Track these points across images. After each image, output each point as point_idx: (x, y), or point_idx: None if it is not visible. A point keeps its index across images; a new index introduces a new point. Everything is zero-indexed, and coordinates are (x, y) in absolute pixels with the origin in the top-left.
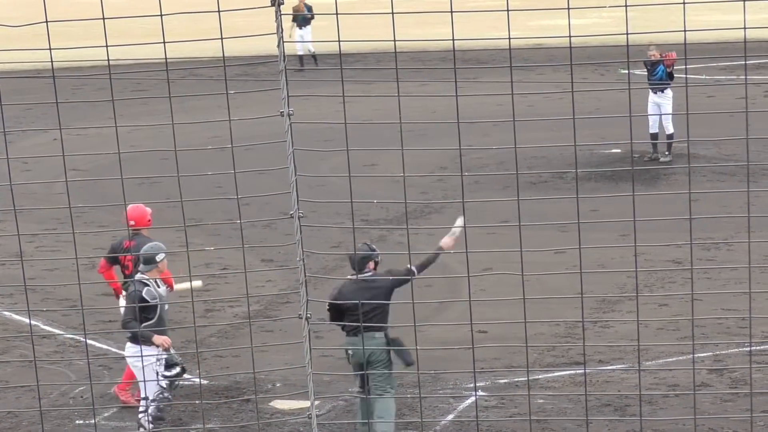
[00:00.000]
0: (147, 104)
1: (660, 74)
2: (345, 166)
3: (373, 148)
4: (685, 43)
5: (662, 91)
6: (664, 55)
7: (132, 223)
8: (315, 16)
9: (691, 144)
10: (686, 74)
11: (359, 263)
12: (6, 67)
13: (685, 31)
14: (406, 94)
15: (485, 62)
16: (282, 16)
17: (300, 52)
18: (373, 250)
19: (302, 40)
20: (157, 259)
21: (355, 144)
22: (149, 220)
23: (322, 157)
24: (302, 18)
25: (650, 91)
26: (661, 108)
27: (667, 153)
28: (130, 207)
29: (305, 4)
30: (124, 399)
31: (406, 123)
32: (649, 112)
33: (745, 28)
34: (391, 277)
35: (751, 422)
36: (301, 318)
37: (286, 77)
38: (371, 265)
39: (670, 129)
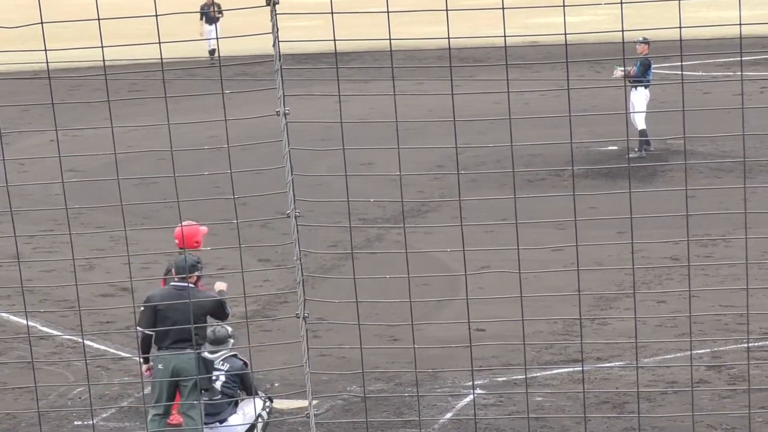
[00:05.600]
0: (143, 104)
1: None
2: (342, 165)
3: (369, 147)
4: (681, 40)
5: (636, 89)
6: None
7: (176, 242)
8: (223, 13)
9: (688, 140)
10: (682, 71)
11: (187, 270)
12: (2, 69)
13: (680, 27)
14: (402, 92)
15: (481, 60)
16: (277, 16)
17: (210, 47)
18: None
19: (209, 37)
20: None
21: (351, 143)
22: (197, 242)
23: (318, 156)
24: (208, 15)
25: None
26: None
27: (636, 149)
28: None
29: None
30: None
31: (402, 122)
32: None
33: (740, 24)
34: (216, 297)
35: (749, 418)
36: (299, 317)
37: (281, 76)
38: (194, 277)
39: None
